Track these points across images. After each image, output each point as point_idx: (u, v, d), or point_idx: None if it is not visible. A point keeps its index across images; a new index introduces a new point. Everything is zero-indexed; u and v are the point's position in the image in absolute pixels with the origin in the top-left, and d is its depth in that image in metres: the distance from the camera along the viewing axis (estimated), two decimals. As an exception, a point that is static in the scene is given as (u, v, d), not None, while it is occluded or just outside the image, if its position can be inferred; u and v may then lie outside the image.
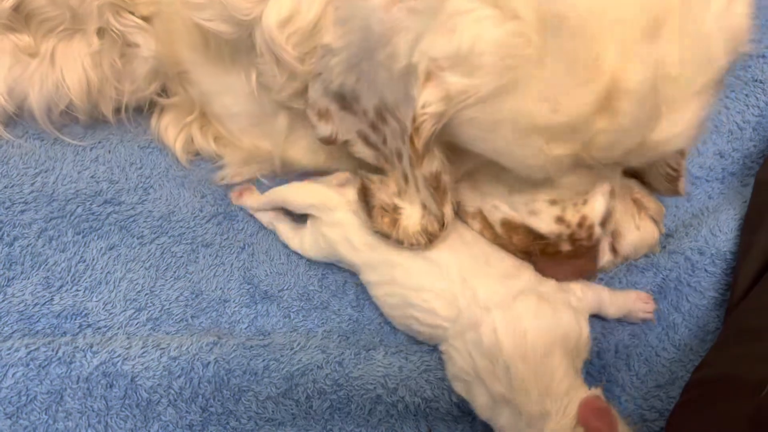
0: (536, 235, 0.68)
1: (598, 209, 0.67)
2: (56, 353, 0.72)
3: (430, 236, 0.69)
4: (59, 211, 0.84)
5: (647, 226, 0.78)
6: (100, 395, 0.71)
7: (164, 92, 0.88)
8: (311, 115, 0.72)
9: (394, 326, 0.77)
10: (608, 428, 0.62)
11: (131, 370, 0.71)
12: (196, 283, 0.81)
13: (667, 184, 0.76)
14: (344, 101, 0.68)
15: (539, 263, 0.71)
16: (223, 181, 0.87)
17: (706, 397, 0.66)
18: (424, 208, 0.68)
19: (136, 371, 0.71)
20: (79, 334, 0.76)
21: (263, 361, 0.73)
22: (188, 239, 0.84)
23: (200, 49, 0.79)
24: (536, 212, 0.67)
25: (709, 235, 0.79)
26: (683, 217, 0.84)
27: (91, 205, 0.85)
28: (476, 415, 0.69)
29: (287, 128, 0.81)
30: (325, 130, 0.72)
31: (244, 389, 0.72)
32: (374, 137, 0.68)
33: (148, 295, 0.80)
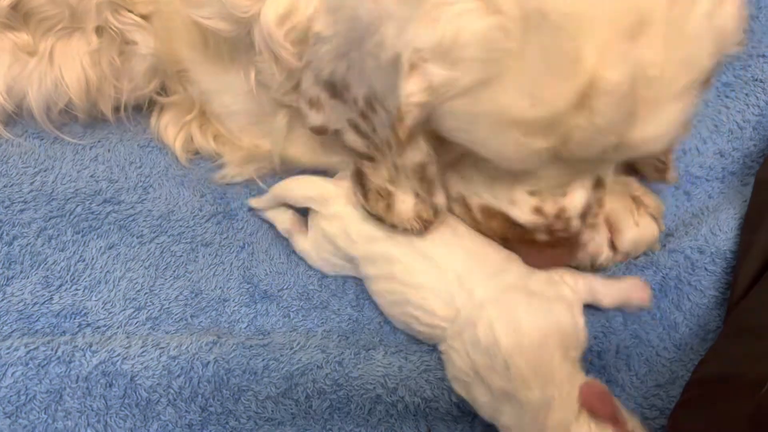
0: (513, 223, 0.69)
1: (577, 201, 0.67)
2: (55, 352, 0.72)
3: (425, 222, 0.69)
4: (58, 210, 0.84)
5: (646, 222, 0.78)
6: (99, 394, 0.71)
7: (163, 91, 0.88)
8: (303, 104, 0.72)
9: (393, 326, 0.77)
10: (612, 410, 0.62)
11: (131, 369, 0.71)
12: (195, 282, 0.81)
13: (656, 173, 0.77)
14: (335, 90, 0.68)
15: (517, 250, 0.71)
16: (222, 180, 0.87)
17: (706, 396, 0.66)
18: (416, 195, 0.69)
19: (135, 370, 0.71)
20: (78, 333, 0.76)
21: (263, 360, 0.73)
22: (188, 238, 0.84)
23: (199, 47, 0.79)
24: (515, 202, 0.68)
25: (709, 234, 0.79)
26: (683, 216, 0.83)
27: (90, 204, 0.85)
28: (476, 415, 0.69)
29: (286, 126, 0.81)
30: (316, 119, 0.71)
31: (243, 389, 0.72)
32: (364, 126, 0.68)
33: (147, 294, 0.79)
